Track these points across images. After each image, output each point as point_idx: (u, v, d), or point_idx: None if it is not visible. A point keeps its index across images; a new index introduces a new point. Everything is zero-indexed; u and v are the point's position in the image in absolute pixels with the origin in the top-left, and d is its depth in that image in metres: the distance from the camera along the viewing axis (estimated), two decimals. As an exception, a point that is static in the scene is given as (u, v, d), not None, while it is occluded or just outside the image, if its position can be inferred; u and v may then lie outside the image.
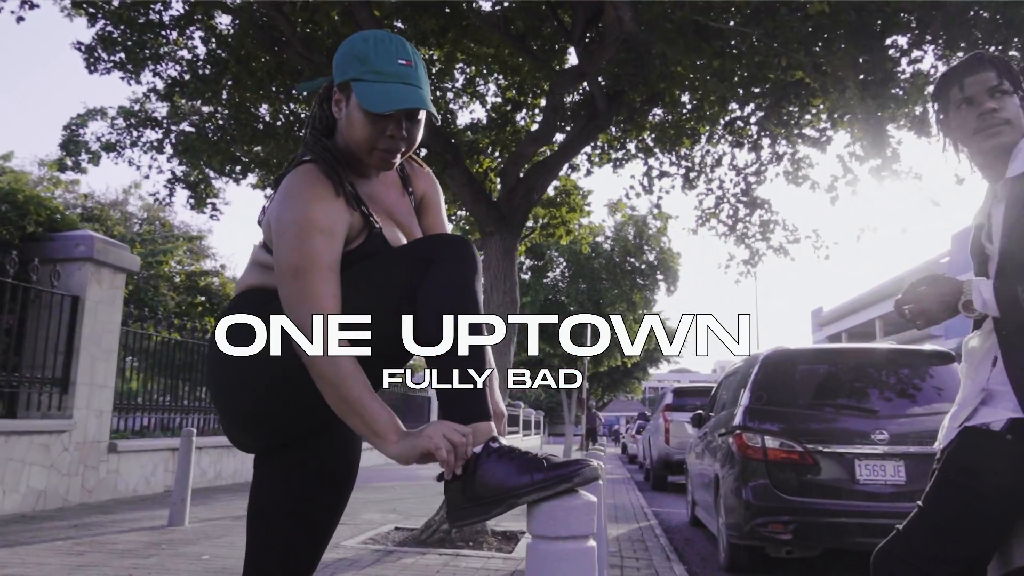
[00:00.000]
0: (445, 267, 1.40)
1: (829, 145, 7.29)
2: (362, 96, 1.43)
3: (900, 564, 1.63)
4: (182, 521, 5.83)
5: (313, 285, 1.37)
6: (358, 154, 1.51)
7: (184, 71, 7.47)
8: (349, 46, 1.50)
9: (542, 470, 1.23)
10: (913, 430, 4.85)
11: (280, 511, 1.61)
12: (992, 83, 1.75)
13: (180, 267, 17.09)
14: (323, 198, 1.43)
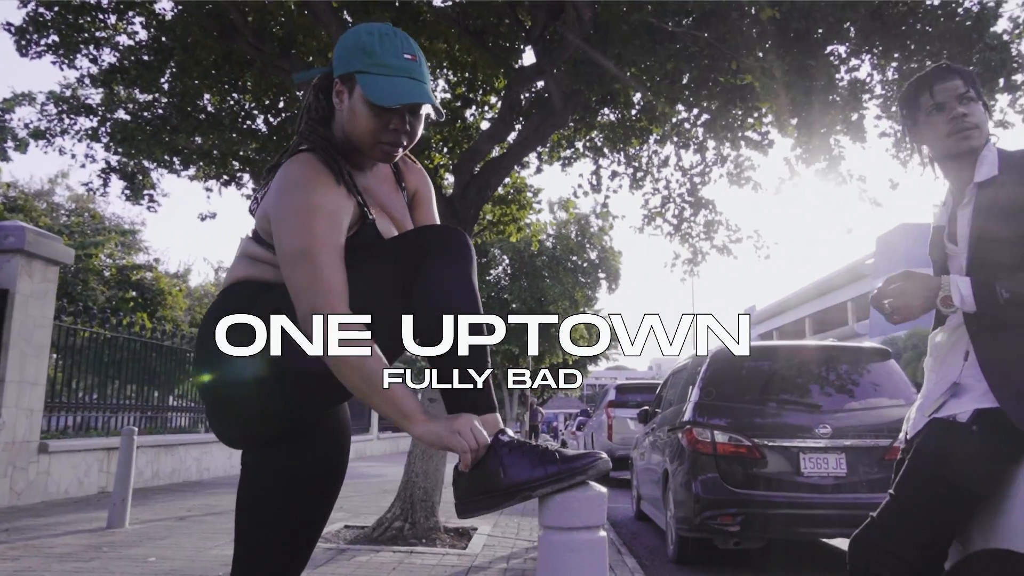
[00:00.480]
0: (441, 260, 1.40)
1: (771, 149, 7.52)
2: (368, 89, 1.43)
3: (875, 550, 1.70)
4: (122, 523, 5.64)
5: (322, 267, 1.36)
6: (359, 146, 1.51)
7: (123, 57, 7.21)
8: (353, 38, 1.49)
9: (556, 463, 1.24)
10: (853, 424, 5.06)
11: (269, 507, 1.58)
12: (960, 90, 1.85)
13: (111, 261, 16.46)
14: (325, 184, 1.43)
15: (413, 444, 5.75)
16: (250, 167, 8.29)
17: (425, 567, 4.46)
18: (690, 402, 5.43)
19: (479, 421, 1.33)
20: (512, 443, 1.30)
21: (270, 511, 1.57)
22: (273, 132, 7.81)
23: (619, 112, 7.25)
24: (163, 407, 10.45)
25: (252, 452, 1.59)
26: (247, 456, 1.60)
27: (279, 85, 7.26)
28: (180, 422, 10.82)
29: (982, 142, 1.83)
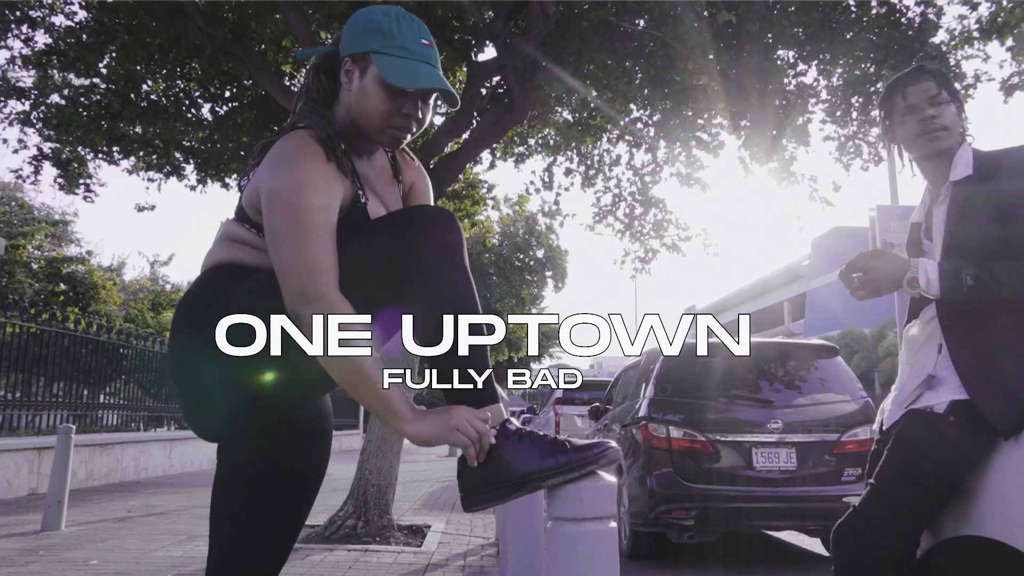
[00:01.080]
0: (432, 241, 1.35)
1: (721, 149, 7.66)
2: (387, 70, 1.40)
3: (858, 538, 1.73)
4: (58, 525, 5.39)
5: (312, 246, 1.31)
6: (366, 129, 1.47)
7: (60, 39, 6.89)
8: (368, 17, 1.45)
9: (566, 452, 1.22)
10: (802, 419, 5.19)
11: (247, 502, 1.53)
12: (932, 92, 1.90)
13: (40, 253, 15.76)
14: (318, 162, 1.38)
15: (367, 441, 5.66)
16: (194, 157, 8.04)
17: (382, 565, 4.40)
18: (645, 398, 5.48)
19: (474, 413, 1.29)
20: (520, 432, 1.27)
21: (248, 507, 1.52)
22: (219, 122, 7.58)
23: (574, 111, 7.28)
24: (94, 404, 10.04)
25: (230, 446, 1.53)
26: (221, 452, 1.54)
27: (228, 73, 7.04)
28: (111, 420, 10.42)
29: (951, 143, 1.88)
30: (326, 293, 1.29)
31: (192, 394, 1.44)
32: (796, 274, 38.30)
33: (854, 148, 7.09)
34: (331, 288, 1.30)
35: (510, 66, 5.24)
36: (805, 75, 7.09)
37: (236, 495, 1.52)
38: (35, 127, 7.83)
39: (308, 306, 1.28)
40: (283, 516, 1.55)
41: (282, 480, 1.54)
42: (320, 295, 1.28)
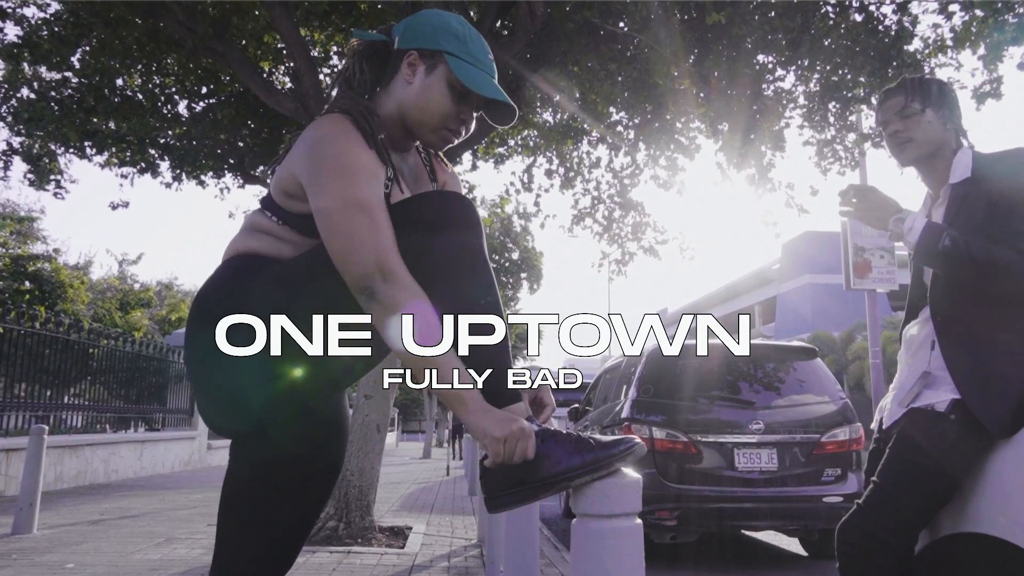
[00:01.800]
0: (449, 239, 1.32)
1: (697, 153, 7.73)
2: (463, 73, 1.40)
3: (863, 535, 1.75)
4: (30, 528, 5.27)
5: (381, 222, 1.28)
6: (419, 124, 1.46)
7: (32, 31, 6.74)
8: (443, 19, 1.45)
9: (592, 450, 1.21)
10: (783, 420, 5.24)
11: (257, 499, 1.48)
12: (899, 107, 1.99)
13: (4, 250, 15.40)
14: (358, 141, 1.36)
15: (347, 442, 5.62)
16: (170, 154, 7.91)
17: (366, 567, 4.36)
18: (627, 399, 5.51)
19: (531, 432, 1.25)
20: (544, 432, 1.26)
21: (263, 502, 1.47)
22: (196, 119, 7.47)
23: (556, 112, 7.29)
24: (60, 405, 9.82)
25: (246, 441, 1.49)
26: (239, 446, 1.49)
27: (206, 69, 6.95)
28: (75, 421, 10.19)
29: (923, 151, 1.96)
30: (401, 271, 1.26)
31: (206, 389, 1.41)
32: (766, 278, 38.79)
33: (831, 153, 7.20)
34: (402, 264, 1.27)
35: (496, 66, 5.24)
36: (783, 80, 7.18)
37: (252, 490, 1.47)
38: (5, 121, 7.66)
39: (386, 283, 1.24)
40: (299, 511, 1.52)
41: (300, 475, 1.51)
42: (397, 272, 1.25)
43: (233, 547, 1.48)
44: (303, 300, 1.32)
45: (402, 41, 1.46)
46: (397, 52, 1.47)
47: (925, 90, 1.98)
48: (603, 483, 1.17)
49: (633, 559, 1.14)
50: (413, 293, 1.25)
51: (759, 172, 6.79)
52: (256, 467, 1.48)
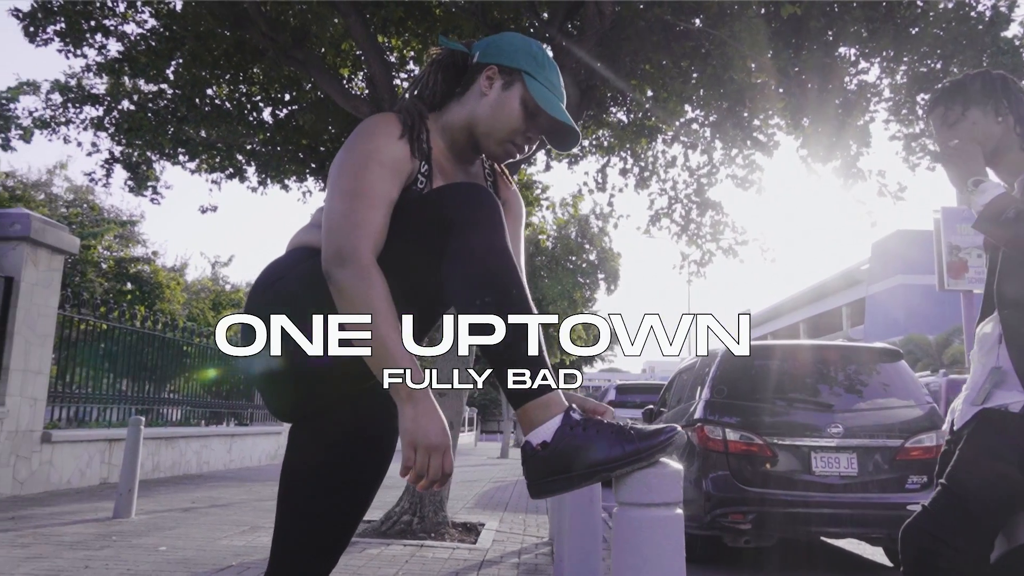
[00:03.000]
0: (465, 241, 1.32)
1: (776, 150, 7.53)
2: (537, 94, 1.48)
3: (930, 539, 1.69)
4: (129, 513, 5.60)
5: (363, 209, 1.34)
6: (486, 135, 1.51)
7: (132, 47, 7.17)
8: (524, 41, 1.54)
9: (633, 440, 1.22)
10: (864, 423, 5.06)
11: (310, 484, 1.52)
12: (940, 118, 1.93)
13: (109, 253, 16.38)
14: (390, 136, 1.43)
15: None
16: (256, 160, 8.26)
17: (437, 560, 4.45)
18: (700, 400, 5.42)
19: (448, 450, 1.28)
20: (585, 421, 1.26)
21: (307, 490, 1.51)
22: (280, 125, 7.79)
23: (629, 111, 7.24)
24: (159, 399, 10.39)
25: (300, 426, 1.54)
26: (295, 430, 1.54)
27: (288, 77, 7.23)
28: (174, 415, 10.76)
29: (970, 157, 1.84)
30: (362, 256, 1.30)
31: (258, 373, 1.47)
32: (855, 279, 37.32)
33: (920, 148, 6.89)
34: (367, 252, 1.31)
35: (565, 67, 5.25)
36: (867, 73, 6.92)
37: (305, 474, 1.52)
38: (107, 131, 8.17)
39: (342, 267, 1.30)
40: (349, 500, 1.55)
41: (351, 461, 1.54)
42: (356, 256, 1.30)
43: (283, 536, 1.51)
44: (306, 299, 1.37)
45: (483, 56, 1.53)
46: (476, 65, 1.54)
47: (962, 90, 1.90)
48: (644, 472, 1.18)
49: (673, 549, 1.15)
50: (368, 283, 1.29)
51: (845, 163, 6.56)
52: (307, 454, 1.51)
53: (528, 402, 1.27)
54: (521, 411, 1.28)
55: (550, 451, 1.25)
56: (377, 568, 4.13)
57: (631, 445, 1.21)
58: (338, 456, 1.53)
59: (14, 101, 8.67)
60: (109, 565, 3.90)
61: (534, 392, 1.27)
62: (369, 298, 1.28)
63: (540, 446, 1.26)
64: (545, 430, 1.26)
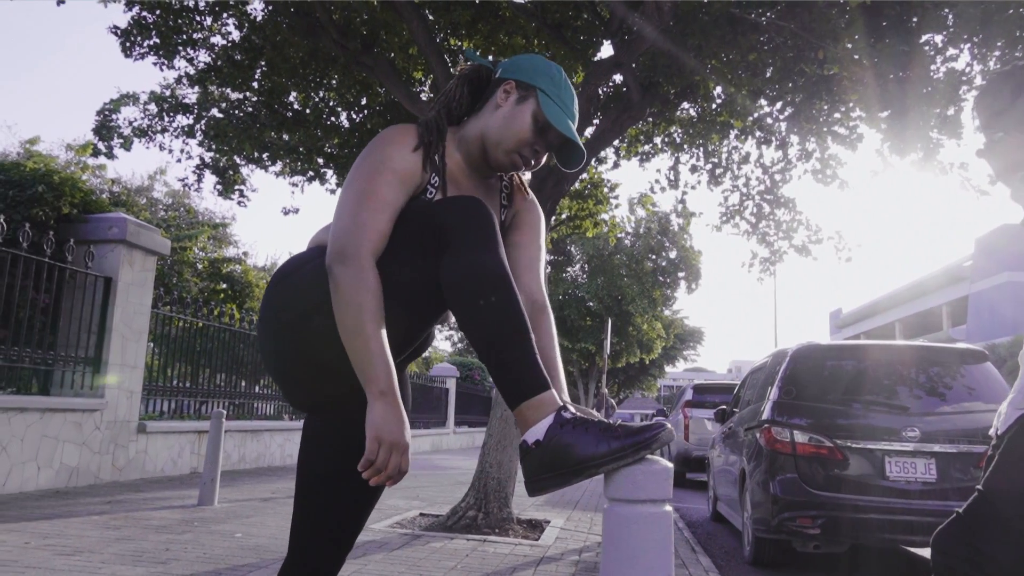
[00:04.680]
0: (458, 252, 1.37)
1: (860, 143, 7.25)
2: (548, 110, 1.56)
3: (963, 546, 1.63)
4: (212, 501, 5.91)
5: (367, 211, 1.42)
6: (496, 145, 1.57)
7: (217, 57, 7.56)
8: (544, 63, 1.62)
9: (619, 437, 1.24)
10: (945, 428, 4.83)
11: (321, 473, 1.57)
12: (987, 109, 1.83)
13: (203, 254, 17.24)
14: (405, 146, 1.50)
15: (487, 436, 5.82)
16: (333, 163, 8.56)
17: (498, 555, 4.52)
18: (769, 401, 5.30)
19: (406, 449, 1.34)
20: (575, 419, 1.29)
21: (318, 479, 1.56)
22: (355, 128, 8.04)
23: (699, 106, 7.12)
24: (250, 395, 10.87)
25: (314, 416, 1.59)
26: (308, 420, 1.59)
27: (362, 82, 7.46)
28: (266, 410, 11.24)
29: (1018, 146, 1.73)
30: (361, 256, 1.37)
31: (271, 364, 1.55)
32: (957, 276, 35.32)
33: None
34: (367, 252, 1.38)
35: (626, 64, 5.22)
36: (956, 60, 6.58)
37: (317, 465, 1.56)
38: (197, 139, 8.63)
39: (342, 264, 1.37)
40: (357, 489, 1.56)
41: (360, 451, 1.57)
42: (357, 256, 1.37)
43: (300, 516, 1.57)
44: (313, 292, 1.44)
45: (504, 72, 1.62)
46: (496, 80, 1.62)
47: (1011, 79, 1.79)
48: (633, 469, 1.20)
49: (661, 545, 1.16)
50: (362, 281, 1.35)
51: (926, 155, 6.27)
52: (319, 445, 1.56)
53: (523, 402, 1.31)
54: (517, 412, 1.32)
55: (542, 449, 1.29)
56: (437, 561, 4.23)
57: (616, 442, 1.23)
58: (349, 448, 1.54)
59: (116, 112, 9.22)
60: (187, 548, 4.15)
61: (528, 393, 1.32)
62: (361, 295, 1.35)
63: (534, 444, 1.30)
64: (538, 429, 1.30)
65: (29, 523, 4.65)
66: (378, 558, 4.22)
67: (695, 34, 5.02)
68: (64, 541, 4.13)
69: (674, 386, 60.33)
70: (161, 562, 3.75)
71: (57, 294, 6.79)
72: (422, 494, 7.81)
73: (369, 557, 4.24)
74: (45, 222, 6.92)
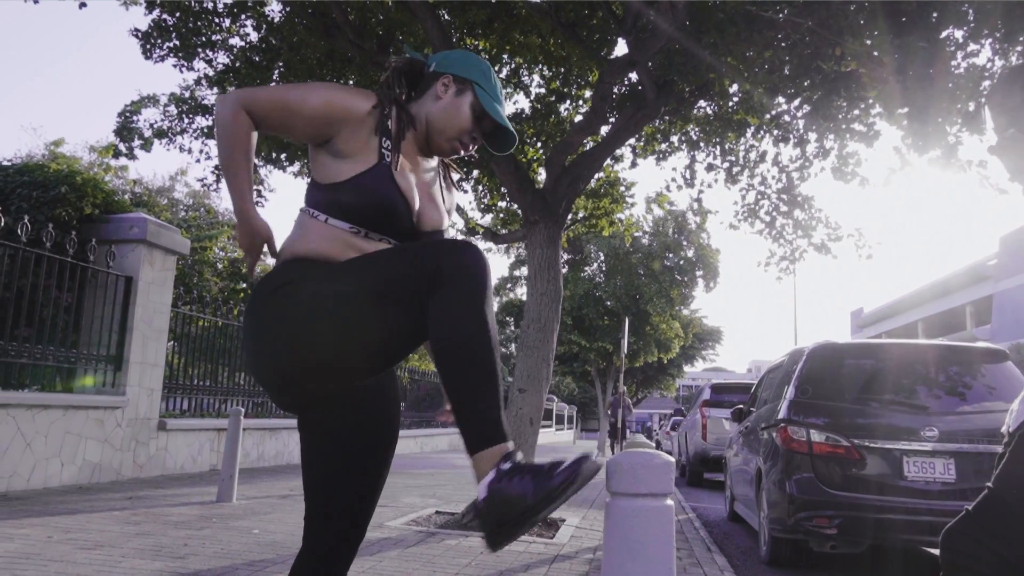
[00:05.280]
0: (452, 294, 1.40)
1: (877, 140, 7.17)
2: (485, 102, 1.73)
3: (971, 543, 1.63)
4: (230, 498, 5.98)
5: (280, 90, 1.61)
6: (438, 133, 1.72)
7: (235, 58, 7.62)
8: (474, 58, 1.78)
9: (551, 477, 1.26)
10: (965, 428, 4.78)
11: (315, 470, 1.63)
12: (998, 106, 1.80)
13: (223, 253, 17.42)
14: (365, 98, 1.62)
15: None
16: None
17: (512, 553, 4.53)
18: (785, 400, 5.27)
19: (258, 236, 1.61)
20: (512, 470, 1.30)
21: (314, 475, 1.62)
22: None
23: (715, 104, 7.09)
24: (268, 392, 10.96)
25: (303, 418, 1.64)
26: (299, 422, 1.66)
27: (377, 83, 7.50)
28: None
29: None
30: (241, 103, 1.58)
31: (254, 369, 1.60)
32: (981, 275, 34.77)
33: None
34: (247, 104, 1.58)
35: (641, 62, 5.21)
36: (977, 55, 6.49)
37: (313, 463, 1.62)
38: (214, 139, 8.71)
39: (223, 104, 1.58)
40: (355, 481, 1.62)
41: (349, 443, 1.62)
42: (240, 100, 1.58)
43: (307, 512, 1.63)
44: None
45: (439, 66, 1.76)
46: (432, 74, 1.76)
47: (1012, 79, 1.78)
48: (633, 463, 1.21)
49: (662, 537, 1.17)
50: (237, 122, 1.56)
51: (945, 153, 6.19)
52: (312, 444, 1.63)
53: (476, 454, 1.36)
54: (472, 462, 1.36)
55: (487, 506, 1.31)
56: (452, 558, 4.25)
57: (548, 482, 1.25)
58: (339, 445, 1.63)
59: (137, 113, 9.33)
60: (205, 544, 4.20)
61: (481, 444, 1.35)
62: (236, 133, 1.55)
63: (482, 503, 1.32)
64: (483, 486, 1.33)
65: (52, 518, 4.74)
66: (393, 555, 4.25)
67: (710, 31, 5.00)
68: (85, 536, 4.20)
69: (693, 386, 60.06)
70: (179, 557, 3.81)
71: (79, 293, 6.90)
72: (439, 492, 7.84)
73: (384, 554, 4.27)
74: (68, 222, 7.03)
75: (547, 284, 5.96)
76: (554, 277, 6.00)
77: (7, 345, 5.98)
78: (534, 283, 6.00)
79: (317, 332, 1.44)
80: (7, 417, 5.77)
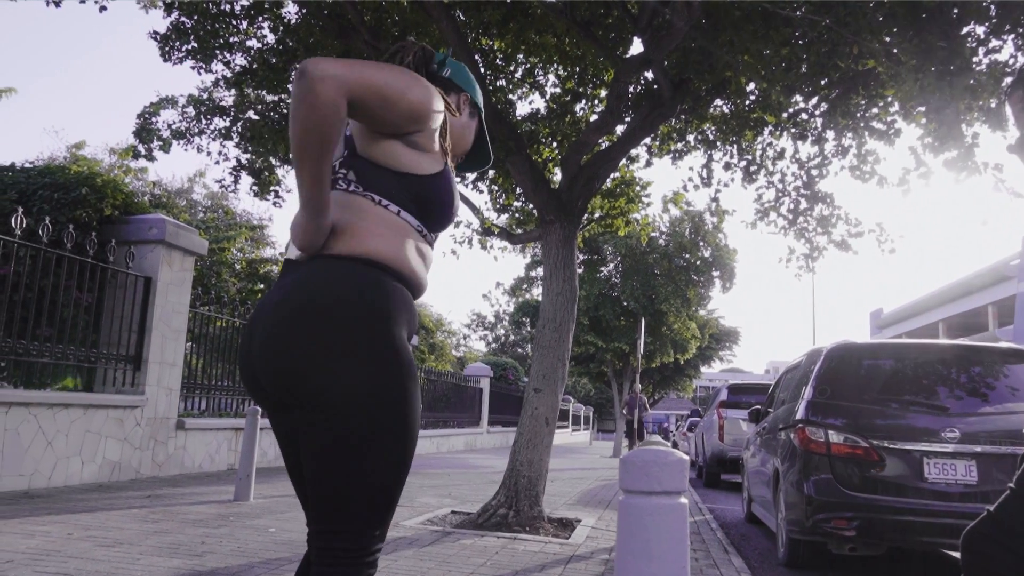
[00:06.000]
0: None
1: (898, 138, 7.10)
2: (482, 130, 1.83)
3: (993, 544, 1.60)
4: (247, 496, 6.02)
5: (373, 69, 1.38)
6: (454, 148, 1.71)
7: (252, 60, 7.67)
8: (474, 80, 1.79)
9: None
10: (986, 429, 4.71)
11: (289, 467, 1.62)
12: (1019, 103, 1.77)
13: (241, 254, 17.53)
14: (435, 91, 1.53)
15: (518, 434, 5.83)
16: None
17: (528, 553, 4.52)
18: (803, 400, 5.22)
19: None
20: None
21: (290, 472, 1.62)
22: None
23: (731, 103, 7.04)
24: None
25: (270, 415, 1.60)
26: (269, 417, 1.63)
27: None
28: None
29: None
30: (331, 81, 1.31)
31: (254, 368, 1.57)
32: (1003, 274, 34.31)
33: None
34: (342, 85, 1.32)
35: (657, 61, 5.18)
36: (999, 52, 6.40)
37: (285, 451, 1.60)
38: (233, 141, 8.78)
39: (307, 81, 1.30)
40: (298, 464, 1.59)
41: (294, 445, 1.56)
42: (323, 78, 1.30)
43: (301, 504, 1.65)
44: None
45: (455, 76, 1.73)
46: (452, 83, 1.72)
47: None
48: (646, 461, 1.19)
49: (676, 536, 1.16)
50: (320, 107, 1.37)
51: (961, 155, 6.12)
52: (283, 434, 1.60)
53: None
54: None
55: None
56: (467, 558, 4.25)
57: None
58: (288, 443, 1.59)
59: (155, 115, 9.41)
60: (222, 542, 4.23)
61: None
62: (339, 117, 1.32)
63: None
64: None
65: (72, 515, 4.79)
66: (408, 554, 4.25)
67: (727, 29, 4.96)
68: (105, 533, 4.24)
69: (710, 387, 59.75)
70: (197, 555, 3.83)
71: (99, 293, 6.98)
72: (454, 492, 7.85)
73: (399, 553, 4.27)
74: (88, 223, 7.11)
75: (563, 284, 5.94)
76: (570, 277, 5.98)
77: (29, 345, 6.05)
78: (550, 283, 5.99)
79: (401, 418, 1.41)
80: (29, 416, 5.85)
